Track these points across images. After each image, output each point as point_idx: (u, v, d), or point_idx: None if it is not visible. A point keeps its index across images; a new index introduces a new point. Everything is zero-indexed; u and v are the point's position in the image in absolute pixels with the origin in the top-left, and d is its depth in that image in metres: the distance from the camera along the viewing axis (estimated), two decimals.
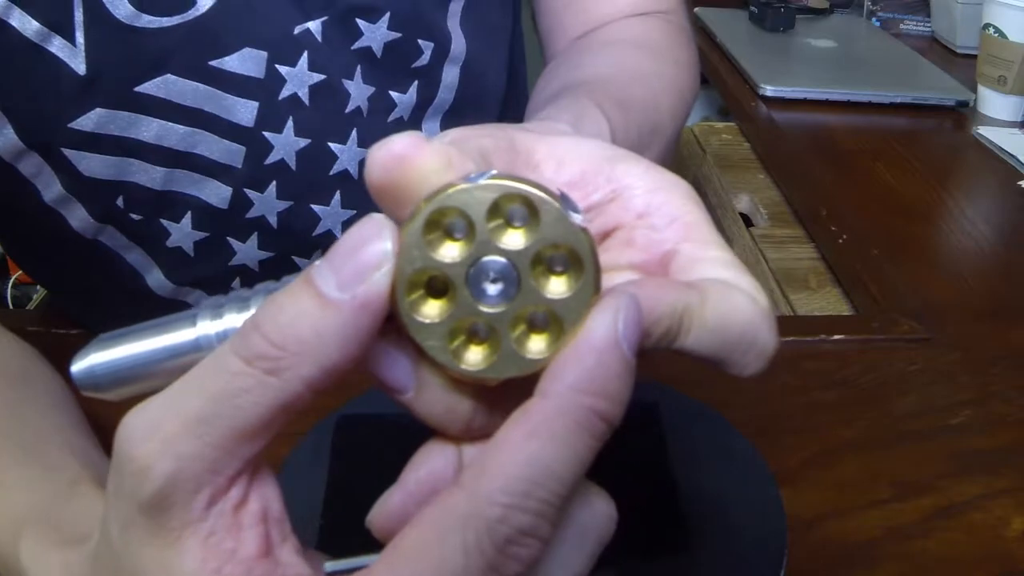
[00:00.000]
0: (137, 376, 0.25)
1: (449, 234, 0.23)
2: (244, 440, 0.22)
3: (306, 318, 0.21)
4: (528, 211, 0.23)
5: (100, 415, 0.47)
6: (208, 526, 0.22)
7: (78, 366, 0.25)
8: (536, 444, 0.21)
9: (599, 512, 0.23)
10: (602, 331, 0.22)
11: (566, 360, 0.22)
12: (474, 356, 0.23)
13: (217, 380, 0.22)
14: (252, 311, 0.25)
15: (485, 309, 0.23)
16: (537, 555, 0.21)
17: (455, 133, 0.26)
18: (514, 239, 0.23)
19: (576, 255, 0.23)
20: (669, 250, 0.27)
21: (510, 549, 0.21)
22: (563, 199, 0.23)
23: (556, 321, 0.23)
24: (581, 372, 0.22)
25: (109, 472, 0.23)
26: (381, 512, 0.25)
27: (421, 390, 0.24)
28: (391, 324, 0.23)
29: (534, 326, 0.23)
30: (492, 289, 0.23)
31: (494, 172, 0.23)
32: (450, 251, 0.23)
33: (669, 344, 0.25)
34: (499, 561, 0.21)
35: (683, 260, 0.27)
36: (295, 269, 0.57)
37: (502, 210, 0.23)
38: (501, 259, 0.23)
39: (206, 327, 0.25)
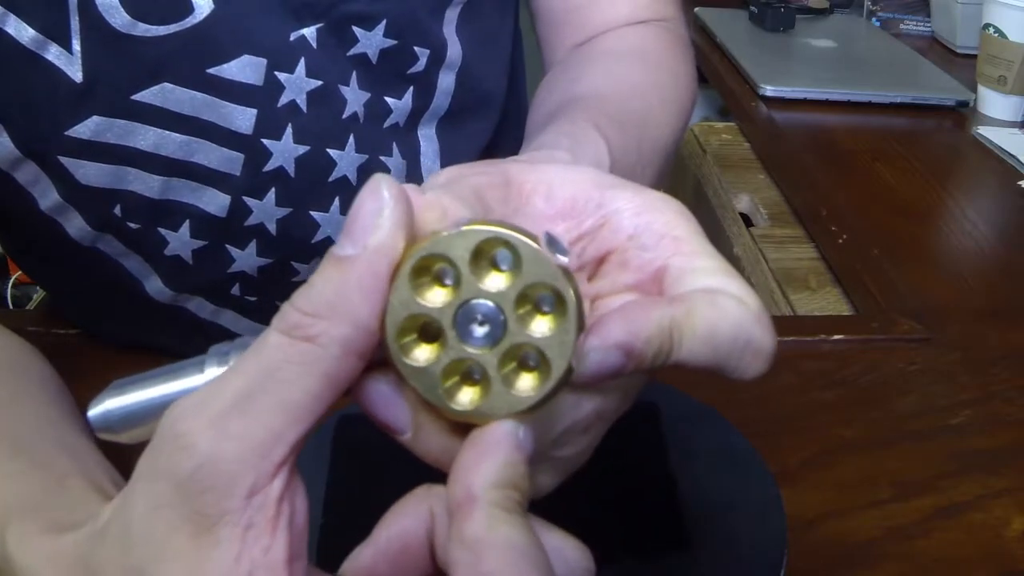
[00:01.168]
0: (148, 419, 0.27)
1: (438, 280, 0.24)
2: (289, 419, 0.22)
3: (330, 283, 0.23)
4: (511, 254, 0.24)
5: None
6: (247, 517, 0.22)
7: (94, 411, 0.27)
8: (499, 532, 0.22)
9: (574, 566, 0.24)
10: (503, 441, 0.24)
11: (469, 459, 0.24)
12: (465, 396, 0.24)
13: (260, 357, 0.23)
14: None
15: (472, 351, 0.24)
16: None
17: (448, 173, 0.27)
18: (497, 282, 0.24)
19: (558, 294, 0.24)
20: (660, 266, 0.28)
21: None
22: (548, 240, 0.24)
23: (544, 360, 0.24)
24: (488, 470, 0.23)
25: (144, 453, 0.23)
26: (352, 567, 0.25)
27: (419, 432, 0.25)
28: (389, 369, 0.24)
29: (523, 366, 0.24)
30: (479, 331, 0.24)
31: (476, 219, 0.24)
32: (438, 296, 0.24)
33: (665, 361, 0.26)
34: None
35: (674, 274, 0.28)
36: (294, 275, 0.57)
37: (486, 255, 0.24)
38: (487, 302, 0.24)
39: (213, 372, 0.26)
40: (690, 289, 0.27)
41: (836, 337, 0.63)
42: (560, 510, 0.40)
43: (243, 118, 0.50)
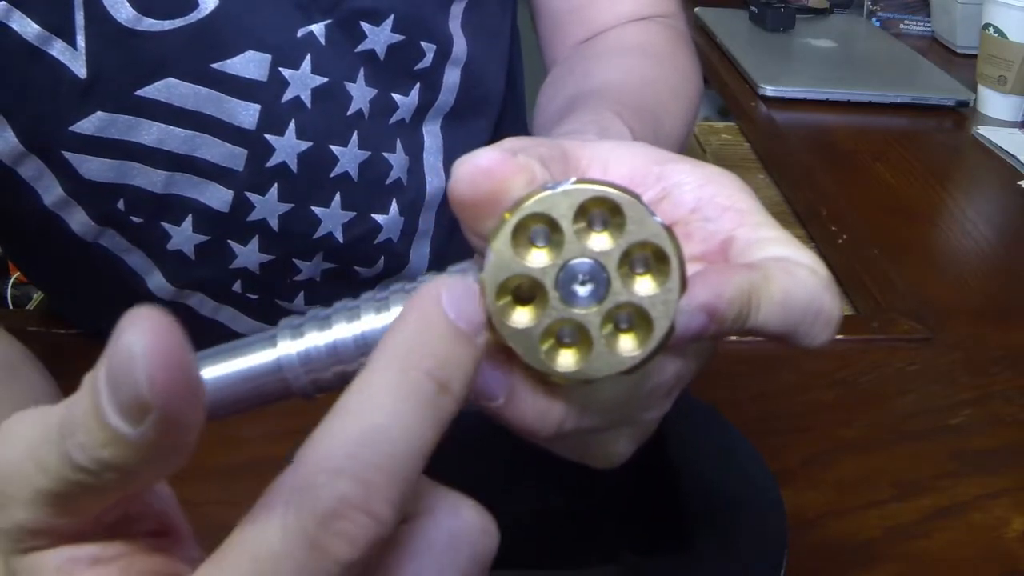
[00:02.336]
0: (216, 403, 0.24)
1: (534, 242, 0.24)
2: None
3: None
4: (611, 213, 0.23)
5: None
6: None
7: None
8: (358, 404, 0.20)
9: (470, 522, 0.22)
10: (422, 299, 0.21)
11: (390, 329, 0.21)
12: (566, 359, 0.24)
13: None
14: (335, 329, 0.24)
15: (576, 311, 0.24)
16: (369, 536, 0.19)
17: (514, 143, 0.26)
18: (600, 241, 0.24)
19: (661, 253, 0.24)
20: (726, 238, 0.28)
21: (335, 524, 0.18)
22: (645, 202, 0.24)
23: (644, 319, 0.24)
24: (401, 334, 0.21)
25: None
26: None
27: (512, 396, 0.25)
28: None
29: (621, 325, 0.24)
30: (582, 291, 0.24)
31: (574, 179, 0.24)
32: (539, 257, 0.24)
33: (743, 324, 0.26)
34: (324, 539, 0.18)
35: (741, 245, 0.28)
36: (296, 271, 0.57)
37: (587, 214, 0.24)
38: (589, 261, 0.24)
39: (287, 347, 0.24)
40: (761, 258, 0.27)
41: (836, 337, 0.63)
42: (560, 510, 0.40)
43: (246, 114, 0.50)
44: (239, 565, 0.19)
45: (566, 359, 0.24)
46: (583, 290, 0.24)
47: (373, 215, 0.57)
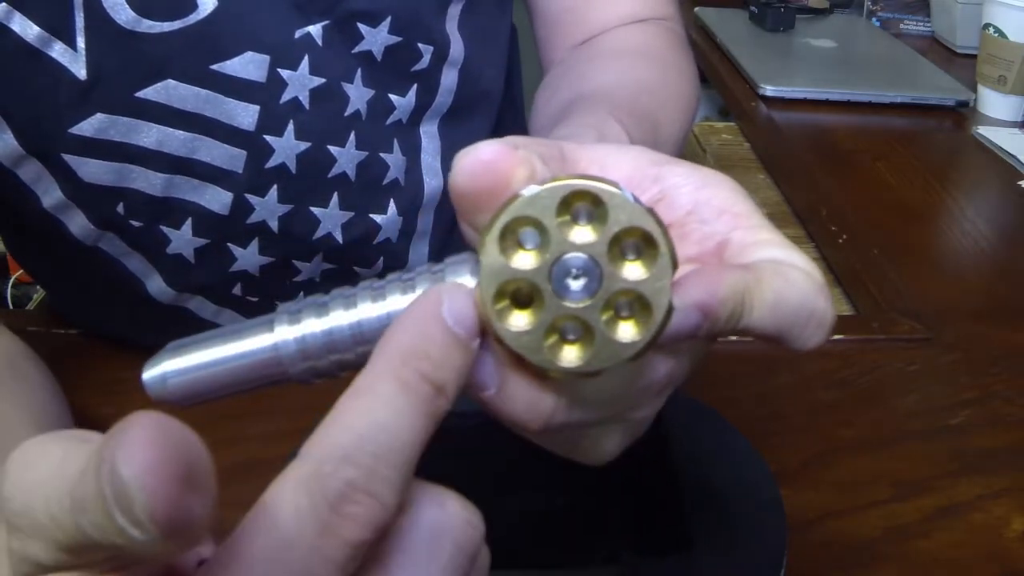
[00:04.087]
0: (211, 384, 0.25)
1: (523, 244, 0.24)
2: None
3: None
4: (593, 205, 0.24)
5: (97, 418, 0.47)
6: None
7: (149, 373, 0.25)
8: (361, 402, 0.21)
9: (453, 513, 0.23)
10: (423, 305, 0.23)
11: (389, 331, 0.22)
12: (570, 354, 0.24)
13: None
14: (332, 316, 0.25)
15: (572, 305, 0.24)
16: (376, 518, 0.20)
17: (515, 139, 0.27)
18: (587, 234, 0.24)
19: (648, 236, 0.24)
20: (722, 240, 0.28)
21: (344, 507, 0.20)
22: (626, 190, 0.24)
23: (642, 304, 0.24)
24: (400, 336, 0.22)
25: None
26: None
27: (504, 387, 0.25)
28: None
29: (621, 314, 0.24)
30: (575, 285, 0.24)
31: (554, 176, 0.24)
32: (528, 258, 0.24)
33: (736, 325, 0.26)
34: (334, 521, 0.20)
35: (736, 247, 0.28)
36: (296, 273, 0.58)
37: (570, 209, 0.24)
38: (579, 255, 0.24)
39: (284, 332, 0.25)
40: (756, 260, 0.27)
41: (836, 337, 0.63)
42: (561, 510, 0.40)
43: (246, 114, 0.50)
44: (252, 552, 0.20)
45: (570, 354, 0.24)
46: (576, 284, 0.24)
47: (372, 215, 0.58)
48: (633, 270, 0.24)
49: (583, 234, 0.24)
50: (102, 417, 0.47)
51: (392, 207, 0.58)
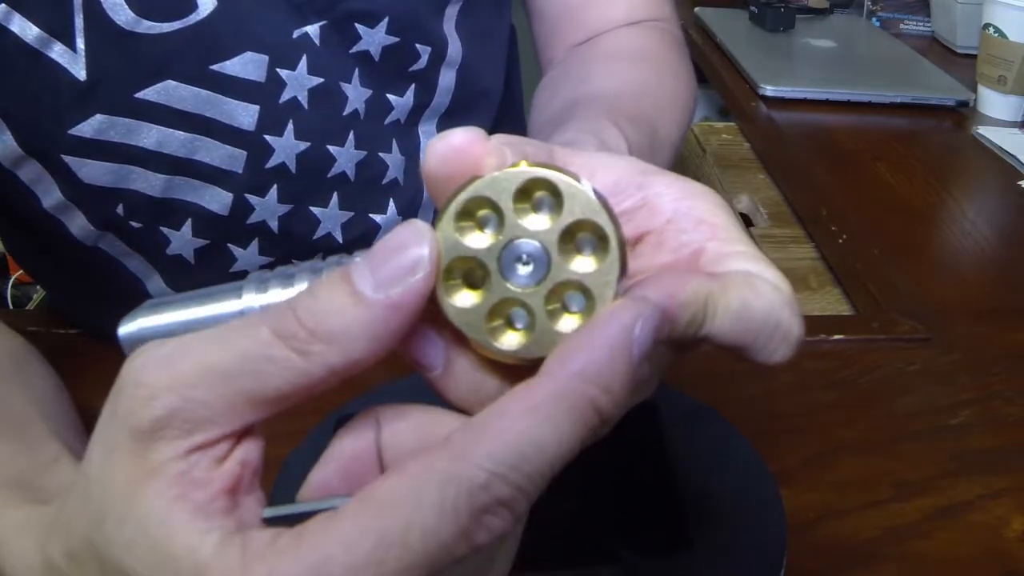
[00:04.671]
0: None
1: (481, 224, 0.24)
2: (254, 405, 0.23)
3: (339, 312, 0.22)
4: (552, 196, 0.24)
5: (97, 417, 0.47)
6: (185, 466, 0.23)
7: (126, 328, 0.27)
8: (532, 420, 0.21)
9: None
10: (618, 327, 0.22)
11: (576, 346, 0.22)
12: (511, 338, 0.25)
13: (246, 343, 0.23)
14: (296, 288, 0.26)
15: (517, 289, 0.24)
16: (507, 531, 0.21)
17: (503, 137, 0.27)
18: (541, 221, 0.24)
19: (600, 231, 0.24)
20: (696, 249, 0.29)
21: (485, 518, 0.21)
22: (592, 190, 0.24)
23: (588, 298, 0.24)
24: (589, 361, 0.22)
25: (109, 397, 0.24)
26: (306, 485, 0.26)
27: (449, 369, 0.25)
28: (426, 305, 0.24)
29: (567, 307, 0.25)
30: (523, 271, 0.24)
31: (518, 162, 0.25)
32: (483, 238, 0.24)
33: (697, 331, 0.26)
34: (471, 527, 0.21)
35: (710, 256, 0.28)
36: None
37: (529, 196, 0.24)
38: (531, 241, 0.24)
39: (251, 299, 0.26)
40: (726, 270, 0.28)
41: (836, 337, 0.63)
42: (560, 510, 0.40)
43: (246, 114, 0.50)
44: (387, 529, 0.21)
45: (510, 339, 0.25)
46: (525, 270, 0.24)
47: (371, 215, 0.58)
48: (582, 263, 0.24)
49: (538, 222, 0.24)
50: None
51: (392, 207, 0.58)
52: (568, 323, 0.24)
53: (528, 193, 0.24)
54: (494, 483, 0.21)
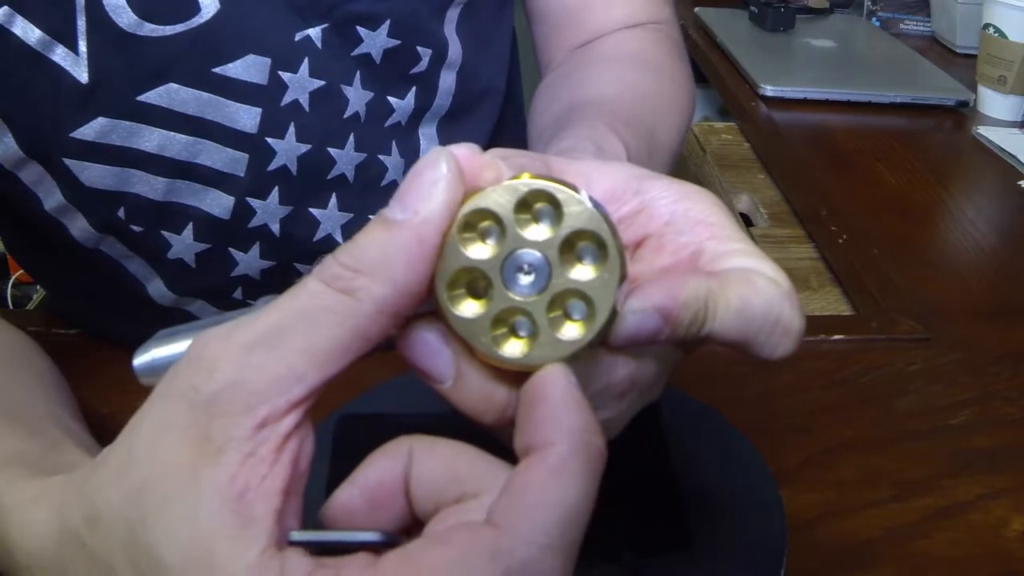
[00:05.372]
0: None
1: (484, 237, 0.25)
2: (313, 362, 0.23)
3: (375, 241, 0.23)
4: (552, 206, 0.25)
5: (97, 418, 0.47)
6: (251, 446, 0.23)
7: (140, 360, 0.27)
8: (563, 483, 0.22)
9: None
10: (557, 386, 0.24)
11: (563, 407, 0.24)
12: (513, 346, 0.25)
13: (296, 300, 0.23)
14: None
15: (519, 298, 0.25)
16: None
17: (498, 151, 0.28)
18: (541, 232, 0.25)
19: (599, 240, 0.25)
20: (695, 249, 0.29)
21: None
22: (590, 199, 0.25)
23: (589, 305, 0.25)
24: (580, 415, 0.23)
25: (166, 374, 0.24)
26: (331, 503, 0.26)
27: (460, 380, 0.26)
28: (433, 319, 0.25)
29: (568, 316, 0.25)
30: (525, 280, 0.25)
31: (518, 175, 0.25)
32: (485, 250, 0.25)
33: (699, 331, 0.27)
34: None
35: (709, 256, 0.29)
36: (296, 274, 0.58)
37: (530, 208, 0.25)
38: (532, 251, 0.25)
39: None
40: (725, 268, 0.28)
41: (836, 337, 0.63)
42: None
43: (248, 117, 0.50)
44: None
45: (513, 348, 0.25)
46: (526, 279, 0.25)
47: (371, 217, 0.58)
48: (582, 271, 0.25)
49: (538, 232, 0.25)
50: (102, 417, 0.47)
51: None
52: (570, 330, 0.25)
53: (528, 205, 0.25)
54: (546, 556, 0.22)
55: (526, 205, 0.25)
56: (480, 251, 0.25)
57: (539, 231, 0.25)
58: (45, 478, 0.30)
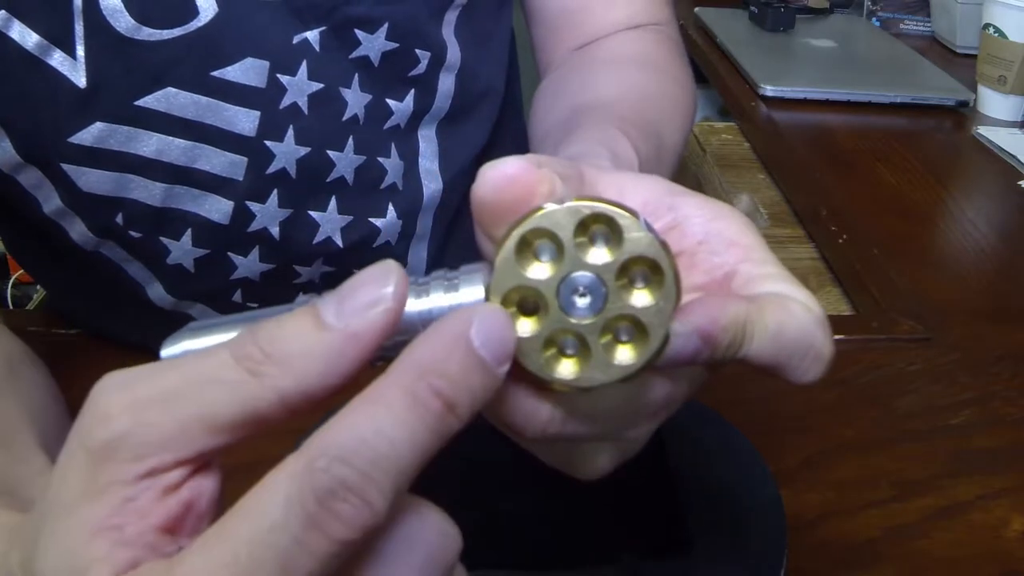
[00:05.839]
0: None
1: (538, 255, 0.25)
2: (206, 430, 0.23)
3: (297, 337, 0.23)
4: (610, 229, 0.25)
5: None
6: (133, 491, 0.23)
7: (169, 351, 0.26)
8: (370, 408, 0.22)
9: (431, 524, 0.23)
10: (451, 322, 0.23)
11: (417, 342, 0.23)
12: (566, 367, 0.25)
13: (203, 363, 0.23)
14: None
15: (574, 321, 0.25)
16: (362, 520, 0.21)
17: (538, 160, 0.28)
18: (599, 255, 0.25)
19: (657, 266, 0.25)
20: (729, 271, 0.29)
21: (332, 504, 0.20)
22: (643, 219, 0.25)
23: (641, 330, 0.25)
24: (422, 351, 0.23)
25: (79, 414, 0.24)
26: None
27: (503, 395, 0.26)
28: None
29: (619, 338, 0.25)
30: (581, 302, 0.25)
31: (579, 195, 0.25)
32: (541, 270, 0.25)
33: (734, 354, 0.27)
34: (321, 516, 0.20)
35: (742, 278, 0.29)
36: (296, 277, 0.58)
37: (588, 229, 0.25)
38: (588, 274, 0.25)
39: None
40: (759, 292, 0.28)
41: (836, 337, 0.63)
42: (561, 511, 0.40)
43: (246, 120, 0.50)
44: (238, 533, 0.21)
45: (565, 368, 0.25)
46: (582, 302, 0.25)
47: (371, 219, 0.57)
48: (638, 297, 0.25)
49: (596, 255, 0.25)
50: None
51: (391, 211, 0.58)
52: (624, 354, 0.25)
53: (586, 227, 0.25)
54: (334, 466, 0.21)
55: (584, 226, 0.25)
56: (536, 270, 0.25)
57: (597, 254, 0.25)
58: (14, 513, 0.30)
